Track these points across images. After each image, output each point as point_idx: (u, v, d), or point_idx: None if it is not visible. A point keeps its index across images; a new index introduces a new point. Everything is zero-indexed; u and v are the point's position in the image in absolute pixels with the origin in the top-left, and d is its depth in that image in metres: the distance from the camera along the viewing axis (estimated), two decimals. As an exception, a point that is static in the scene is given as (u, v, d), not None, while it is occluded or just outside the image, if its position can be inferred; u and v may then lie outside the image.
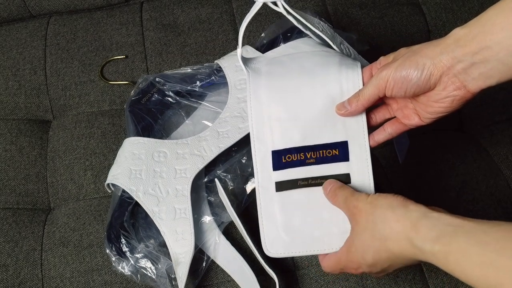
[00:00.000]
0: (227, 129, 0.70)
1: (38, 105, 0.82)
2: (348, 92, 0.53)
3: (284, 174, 0.53)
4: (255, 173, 0.54)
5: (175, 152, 0.68)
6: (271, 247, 0.53)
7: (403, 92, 0.49)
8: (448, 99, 0.48)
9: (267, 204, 0.54)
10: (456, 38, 0.46)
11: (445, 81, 0.47)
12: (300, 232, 0.53)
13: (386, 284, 0.65)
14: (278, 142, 0.54)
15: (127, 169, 0.67)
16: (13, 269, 0.66)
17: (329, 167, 0.53)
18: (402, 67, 0.48)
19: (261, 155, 0.54)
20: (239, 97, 0.73)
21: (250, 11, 0.58)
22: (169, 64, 0.84)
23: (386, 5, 0.89)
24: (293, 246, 0.52)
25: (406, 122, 0.54)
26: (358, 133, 0.54)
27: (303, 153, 0.53)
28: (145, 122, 0.73)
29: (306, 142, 0.53)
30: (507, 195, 0.72)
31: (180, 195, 0.66)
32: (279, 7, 0.58)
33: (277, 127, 0.54)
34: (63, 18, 0.90)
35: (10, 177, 0.74)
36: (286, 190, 0.53)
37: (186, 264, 0.61)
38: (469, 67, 0.45)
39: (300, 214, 0.53)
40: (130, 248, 0.63)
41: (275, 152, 0.54)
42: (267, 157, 0.54)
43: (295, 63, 0.57)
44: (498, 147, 0.77)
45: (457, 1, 0.90)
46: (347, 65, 0.55)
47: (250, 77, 0.56)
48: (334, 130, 0.54)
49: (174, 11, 0.89)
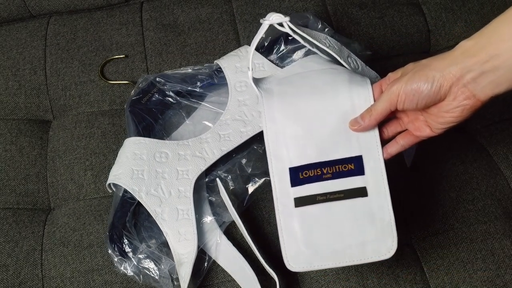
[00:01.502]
0: (229, 132, 0.70)
1: (38, 105, 0.82)
2: (360, 108, 0.55)
3: (302, 190, 0.54)
4: (273, 190, 0.55)
5: (176, 153, 0.68)
6: (293, 261, 0.54)
7: (415, 104, 0.50)
8: (459, 109, 0.49)
9: (287, 220, 0.54)
10: (463, 50, 0.47)
11: (455, 91, 0.48)
12: (320, 246, 0.53)
13: (387, 284, 0.65)
14: (294, 159, 0.55)
15: (129, 169, 0.67)
16: (13, 269, 0.66)
17: (345, 181, 0.54)
18: (412, 80, 0.49)
19: (278, 172, 0.55)
20: (239, 100, 0.73)
21: (257, 33, 0.60)
22: (169, 64, 0.84)
23: (386, 5, 0.89)
24: (315, 260, 0.53)
25: (417, 134, 0.55)
26: (372, 147, 0.55)
27: (320, 169, 0.55)
28: (146, 122, 0.73)
29: (322, 158, 0.55)
30: (507, 195, 0.72)
31: (182, 196, 0.66)
32: (285, 27, 0.60)
33: (293, 144, 0.55)
34: (63, 18, 0.90)
35: (10, 177, 0.74)
36: (305, 205, 0.54)
37: (189, 264, 0.61)
38: (479, 76, 0.46)
39: (319, 229, 0.54)
40: (133, 248, 0.63)
41: (292, 169, 0.55)
42: (285, 174, 0.55)
43: (306, 82, 0.59)
44: (498, 147, 0.77)
45: (457, 1, 0.90)
46: (357, 82, 0.57)
47: (264, 98, 0.57)
48: (348, 145, 0.55)
49: (174, 11, 0.89)
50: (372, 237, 0.53)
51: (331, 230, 0.54)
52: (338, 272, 0.66)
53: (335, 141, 0.55)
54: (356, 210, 0.54)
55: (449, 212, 0.69)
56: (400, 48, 0.87)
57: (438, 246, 0.68)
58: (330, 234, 0.54)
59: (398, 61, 0.85)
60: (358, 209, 0.54)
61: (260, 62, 0.76)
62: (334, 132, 0.55)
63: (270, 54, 0.77)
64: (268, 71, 0.75)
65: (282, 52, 0.77)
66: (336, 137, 0.55)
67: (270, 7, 0.88)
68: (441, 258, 0.67)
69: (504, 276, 0.66)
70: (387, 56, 0.86)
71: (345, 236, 0.53)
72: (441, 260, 0.67)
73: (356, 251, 0.53)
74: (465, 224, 0.69)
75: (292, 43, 0.77)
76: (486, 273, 0.66)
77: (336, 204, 0.54)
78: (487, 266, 0.66)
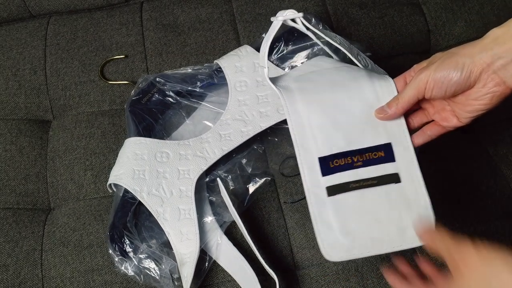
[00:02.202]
0: (229, 132, 0.70)
1: (38, 105, 0.82)
2: (385, 99, 0.56)
3: (334, 179, 0.54)
4: (303, 181, 0.54)
5: (177, 153, 0.69)
6: (332, 251, 0.53)
7: (443, 92, 0.50)
8: (488, 96, 0.49)
9: (320, 210, 0.54)
10: (494, 37, 0.48)
11: (485, 78, 0.48)
12: (358, 234, 0.53)
13: (387, 284, 0.65)
14: (323, 149, 0.55)
15: (130, 170, 0.67)
16: (13, 269, 0.66)
17: (377, 168, 0.55)
18: (442, 67, 0.49)
19: (307, 162, 0.55)
20: (239, 99, 0.73)
21: (269, 31, 0.59)
22: (169, 64, 0.84)
23: (386, 5, 0.90)
24: (354, 248, 0.53)
25: (444, 124, 0.55)
26: (400, 135, 0.55)
27: (350, 157, 0.55)
28: (146, 122, 0.73)
29: (351, 146, 0.55)
30: (507, 195, 0.72)
31: (184, 196, 0.66)
32: (298, 23, 0.60)
33: (320, 134, 0.55)
34: (63, 18, 0.90)
35: (10, 177, 0.74)
36: (338, 194, 0.54)
37: (192, 264, 0.61)
38: (509, 63, 0.47)
39: (355, 217, 0.53)
40: (133, 248, 0.64)
41: (322, 158, 0.55)
42: (315, 164, 0.55)
43: (325, 78, 0.60)
44: (498, 147, 0.77)
45: (457, 1, 0.90)
46: (377, 76, 0.58)
47: (283, 93, 0.57)
48: (376, 134, 0.55)
49: (174, 11, 0.89)
50: (410, 222, 0.53)
51: (367, 217, 0.53)
52: (338, 272, 0.66)
53: (363, 130, 0.55)
54: (391, 196, 0.54)
55: (449, 212, 0.69)
56: (400, 48, 0.87)
57: (438, 246, 0.68)
58: (367, 222, 0.53)
59: (398, 61, 0.85)
60: (393, 195, 0.54)
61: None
62: (361, 121, 0.55)
63: (270, 55, 0.77)
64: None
65: (282, 53, 0.77)
66: (363, 126, 0.55)
67: (270, 7, 0.88)
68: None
69: (504, 276, 0.66)
70: (387, 56, 0.86)
71: (383, 222, 0.53)
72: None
73: (395, 238, 0.53)
74: (465, 224, 0.69)
75: (294, 45, 0.77)
76: (486, 273, 0.66)
77: (370, 191, 0.54)
78: (487, 266, 0.66)
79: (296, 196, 0.71)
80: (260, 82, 0.74)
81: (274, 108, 0.72)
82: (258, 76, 0.75)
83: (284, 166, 0.73)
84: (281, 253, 0.67)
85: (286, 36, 0.76)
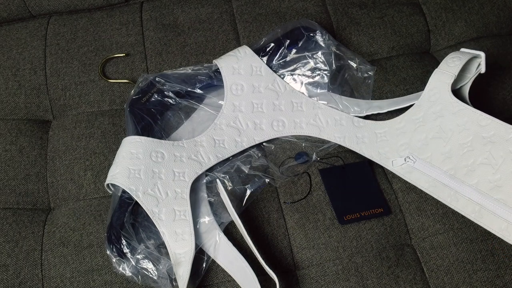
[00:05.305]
0: (223, 139, 0.71)
1: (38, 105, 0.82)
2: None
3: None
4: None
5: (172, 154, 0.69)
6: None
7: None
8: None
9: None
10: None
11: None
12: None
13: (387, 284, 0.65)
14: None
15: (125, 169, 0.67)
16: (13, 269, 0.66)
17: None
18: None
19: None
20: (235, 104, 0.74)
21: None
22: (169, 64, 0.84)
23: (386, 5, 0.89)
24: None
25: None
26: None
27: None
28: (145, 122, 0.73)
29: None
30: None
31: (179, 198, 0.66)
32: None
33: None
34: (63, 18, 0.90)
35: (10, 177, 0.74)
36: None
37: (187, 263, 0.61)
38: None
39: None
40: (131, 249, 0.63)
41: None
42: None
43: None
44: (498, 147, 0.77)
45: (457, 1, 0.90)
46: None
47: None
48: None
49: (174, 11, 0.89)
50: None
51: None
52: (338, 272, 0.66)
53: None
54: None
55: (449, 212, 0.69)
56: (400, 48, 0.87)
57: (438, 246, 0.68)
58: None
59: (398, 61, 0.85)
60: None
61: (258, 65, 0.77)
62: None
63: (270, 60, 0.78)
64: (264, 75, 0.76)
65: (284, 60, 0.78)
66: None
67: (270, 7, 0.88)
68: (441, 258, 0.67)
69: (504, 276, 0.66)
70: (387, 56, 0.86)
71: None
72: (441, 260, 0.67)
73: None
74: (465, 224, 0.69)
75: (297, 53, 0.78)
76: (486, 274, 0.66)
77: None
78: (487, 267, 0.66)
79: (296, 196, 0.71)
80: (256, 88, 0.75)
81: (269, 122, 0.74)
82: (255, 80, 0.75)
83: (284, 166, 0.73)
84: (281, 253, 0.67)
85: (289, 44, 0.77)
